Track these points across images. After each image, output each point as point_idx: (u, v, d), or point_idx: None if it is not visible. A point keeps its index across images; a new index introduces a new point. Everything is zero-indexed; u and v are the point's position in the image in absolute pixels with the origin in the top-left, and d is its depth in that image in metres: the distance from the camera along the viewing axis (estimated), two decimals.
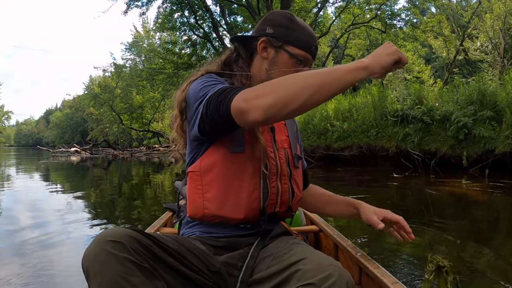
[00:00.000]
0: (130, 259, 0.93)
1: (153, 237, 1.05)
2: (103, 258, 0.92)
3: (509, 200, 5.90)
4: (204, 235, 1.38)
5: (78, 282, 2.52)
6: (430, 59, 32.50)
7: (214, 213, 1.35)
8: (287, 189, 1.43)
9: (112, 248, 0.93)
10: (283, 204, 1.42)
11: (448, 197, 6.23)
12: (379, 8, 19.50)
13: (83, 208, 5.79)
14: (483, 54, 22.00)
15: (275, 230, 1.42)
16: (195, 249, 1.21)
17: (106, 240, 0.94)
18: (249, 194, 1.34)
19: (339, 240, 2.00)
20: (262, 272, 1.17)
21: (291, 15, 1.47)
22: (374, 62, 1.10)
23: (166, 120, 39.79)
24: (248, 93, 1.10)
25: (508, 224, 4.67)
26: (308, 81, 1.05)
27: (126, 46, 39.10)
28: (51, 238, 3.94)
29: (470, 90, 10.00)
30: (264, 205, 1.36)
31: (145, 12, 19.10)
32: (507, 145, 8.29)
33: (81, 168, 16.00)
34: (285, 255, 1.18)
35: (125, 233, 0.97)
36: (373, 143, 11.36)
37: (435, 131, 10.18)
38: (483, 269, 2.91)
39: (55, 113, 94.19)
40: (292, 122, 1.63)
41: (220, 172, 1.33)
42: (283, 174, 1.42)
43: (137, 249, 0.96)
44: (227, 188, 1.33)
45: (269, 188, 1.37)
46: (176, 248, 1.11)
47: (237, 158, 1.34)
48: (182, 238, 1.26)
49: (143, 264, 0.96)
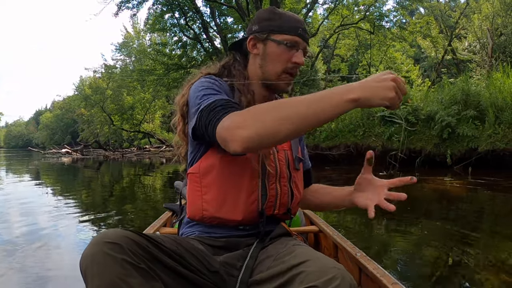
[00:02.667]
0: (127, 260, 0.94)
1: (151, 238, 1.05)
2: (101, 259, 0.93)
3: (489, 196, 6.15)
4: (203, 235, 1.38)
5: (74, 283, 2.51)
6: (419, 59, 32.57)
7: (212, 215, 1.35)
8: (286, 191, 1.41)
9: (109, 250, 0.93)
10: (282, 206, 1.40)
11: (433, 193, 6.45)
12: (367, 9, 19.66)
13: (77, 208, 5.82)
14: (471, 54, 22.22)
15: (275, 231, 1.40)
16: (194, 249, 1.21)
17: (103, 242, 0.95)
18: (248, 196, 1.33)
19: (338, 241, 2.01)
20: (262, 273, 1.17)
21: (274, 8, 1.47)
22: (367, 95, 1.00)
23: (157, 120, 39.63)
24: (231, 121, 1.10)
25: (489, 217, 4.89)
26: (289, 114, 1.01)
27: (117, 46, 38.99)
28: (45, 239, 3.96)
29: (454, 90, 10.23)
30: (262, 207, 1.35)
31: (136, 13, 18.98)
32: (490, 144, 8.53)
33: (73, 169, 16.00)
34: (286, 256, 1.18)
35: (122, 235, 0.98)
36: (360, 142, 11.54)
37: (420, 130, 10.40)
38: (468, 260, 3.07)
39: (45, 114, 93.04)
40: None
41: (219, 174, 1.33)
42: (283, 176, 1.41)
43: (134, 250, 0.97)
44: (225, 190, 1.33)
45: (268, 190, 1.36)
46: (174, 248, 1.11)
47: (236, 160, 1.31)
48: (181, 238, 1.27)
49: (140, 265, 0.96)
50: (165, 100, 37.00)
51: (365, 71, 26.27)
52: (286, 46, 1.39)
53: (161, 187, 8.70)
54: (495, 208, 5.37)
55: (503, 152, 8.35)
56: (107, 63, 35.32)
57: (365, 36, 23.19)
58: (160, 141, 32.03)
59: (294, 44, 1.39)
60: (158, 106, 37.22)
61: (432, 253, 3.35)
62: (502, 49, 20.03)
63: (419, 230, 4.17)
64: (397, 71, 26.26)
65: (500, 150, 8.37)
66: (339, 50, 27.15)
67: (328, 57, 31.44)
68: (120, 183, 10.14)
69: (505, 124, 8.55)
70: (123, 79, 32.47)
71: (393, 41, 22.19)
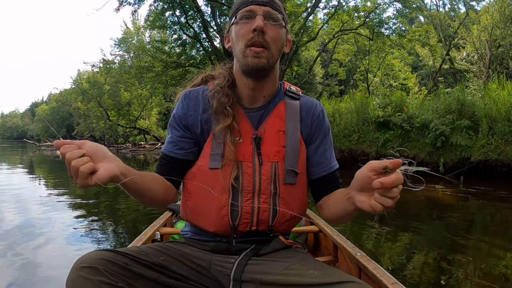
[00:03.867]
0: (105, 281, 0.98)
1: (129, 255, 1.09)
2: (79, 284, 0.97)
3: (479, 205, 6.24)
4: (195, 237, 1.40)
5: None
6: (417, 67, 32.67)
7: (191, 221, 1.39)
8: (267, 208, 1.31)
9: (87, 274, 0.98)
10: (262, 224, 1.32)
11: (424, 201, 6.52)
12: (367, 16, 19.75)
13: (66, 203, 5.89)
14: (469, 64, 22.36)
15: (269, 246, 1.35)
16: (181, 256, 1.24)
17: (80, 267, 1.00)
18: (218, 210, 1.29)
19: (338, 241, 2.01)
20: (275, 276, 1.17)
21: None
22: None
23: (153, 117, 39.52)
24: None
25: (478, 225, 5.00)
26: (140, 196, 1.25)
27: (116, 42, 38.87)
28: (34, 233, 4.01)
29: (449, 100, 10.32)
30: (233, 223, 1.29)
31: (137, 10, 18.89)
32: (482, 154, 8.60)
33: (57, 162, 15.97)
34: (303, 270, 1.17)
35: (98, 257, 1.02)
36: (354, 147, 11.60)
37: (414, 138, 10.50)
38: (456, 266, 3.15)
39: (41, 106, 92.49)
40: (296, 128, 1.41)
41: (196, 185, 1.32)
42: (263, 192, 1.31)
43: (111, 270, 1.01)
44: (201, 200, 1.33)
45: (241, 207, 1.29)
46: (155, 260, 1.15)
47: (213, 174, 1.30)
48: (170, 245, 1.31)
49: (119, 284, 1.01)
50: (162, 97, 36.96)
51: (363, 77, 26.40)
52: (243, 20, 1.28)
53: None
54: (485, 218, 5.45)
55: (495, 162, 8.42)
56: (106, 58, 35.13)
57: (364, 42, 23.22)
58: (155, 138, 32.01)
59: (249, 14, 1.28)
60: (155, 103, 37.11)
61: (420, 258, 3.40)
62: (499, 61, 20.18)
63: (410, 235, 4.23)
64: (394, 78, 26.43)
65: (493, 161, 8.44)
66: (338, 55, 27.23)
67: (326, 61, 31.55)
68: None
69: (498, 135, 8.63)
70: (121, 75, 32.39)
71: (392, 48, 22.25)
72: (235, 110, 1.36)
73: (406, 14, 19.44)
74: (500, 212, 5.67)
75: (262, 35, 1.25)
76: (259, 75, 1.32)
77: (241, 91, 1.40)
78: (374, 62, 24.81)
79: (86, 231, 4.16)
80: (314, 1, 19.81)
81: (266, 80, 1.37)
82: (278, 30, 1.30)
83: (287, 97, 1.44)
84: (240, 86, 1.39)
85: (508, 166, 8.25)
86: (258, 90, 1.38)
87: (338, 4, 19.86)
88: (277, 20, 1.30)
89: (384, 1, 19.40)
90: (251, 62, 1.26)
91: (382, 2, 19.53)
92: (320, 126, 1.44)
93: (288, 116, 1.40)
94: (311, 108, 1.45)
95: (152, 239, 2.13)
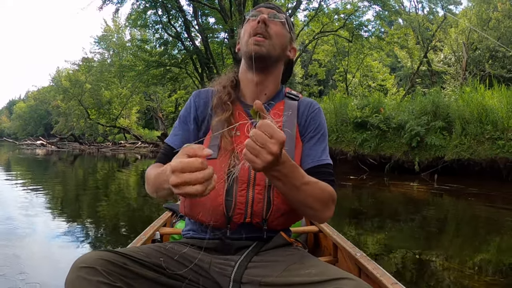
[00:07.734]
0: (103, 281, 0.98)
1: (128, 255, 1.09)
2: (78, 284, 0.97)
3: (452, 201, 6.64)
4: (196, 235, 1.40)
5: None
6: (395, 68, 32.99)
7: (187, 213, 1.38)
8: (261, 200, 1.31)
9: (85, 274, 0.98)
10: (255, 216, 1.31)
11: (401, 197, 6.86)
12: (347, 18, 20.00)
13: (66, 203, 5.96)
14: (446, 66, 22.88)
15: (271, 242, 1.36)
16: (181, 257, 1.24)
17: (79, 267, 1.00)
18: (214, 198, 1.29)
19: (338, 241, 2.01)
20: (272, 277, 1.17)
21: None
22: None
23: (133, 116, 39.18)
24: (146, 173, 1.34)
25: (451, 221, 5.28)
26: (153, 183, 1.22)
27: (95, 39, 38.42)
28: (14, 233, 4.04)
29: (425, 102, 10.71)
30: (228, 213, 1.30)
31: (119, 8, 18.77)
32: (455, 153, 8.97)
33: (46, 161, 15.91)
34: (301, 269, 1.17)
35: (96, 257, 1.02)
36: (333, 147, 11.79)
37: (391, 138, 10.85)
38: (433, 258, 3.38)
39: (18, 104, 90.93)
40: (293, 123, 1.45)
41: None
42: (258, 183, 1.31)
43: (109, 270, 1.01)
44: None
45: (236, 197, 1.30)
46: (155, 261, 1.15)
47: (209, 164, 1.21)
48: (169, 246, 1.31)
49: (117, 284, 1.00)
50: (142, 96, 36.68)
51: (342, 78, 26.71)
52: (252, 18, 1.39)
53: (134, 184, 8.85)
54: (457, 213, 5.77)
55: (468, 161, 8.78)
56: (86, 57, 34.72)
57: (343, 44, 23.49)
58: (135, 137, 31.74)
59: (257, 13, 1.40)
60: (135, 102, 36.78)
61: (394, 252, 3.61)
62: (476, 63, 20.72)
63: (386, 230, 4.48)
64: (373, 79, 26.84)
65: (465, 160, 8.80)
66: (318, 55, 27.41)
67: (306, 61, 31.76)
68: (95, 176, 10.18)
69: (471, 136, 9.02)
70: (102, 73, 32.06)
71: (371, 50, 22.61)
72: (235, 106, 1.43)
73: (385, 17, 19.72)
74: (472, 208, 5.99)
75: (265, 27, 1.36)
76: (260, 64, 1.39)
77: (244, 89, 1.48)
78: (353, 63, 25.15)
79: (86, 232, 4.19)
80: (295, 3, 19.98)
81: (268, 76, 1.45)
82: (281, 28, 1.42)
83: (287, 98, 1.51)
84: (244, 84, 1.48)
85: (479, 165, 8.63)
86: (261, 85, 1.44)
87: (318, 6, 20.10)
88: (281, 19, 1.43)
89: (364, 4, 19.72)
90: (254, 49, 1.34)
91: (362, 5, 19.86)
92: (314, 120, 1.46)
93: (285, 111, 1.43)
94: (308, 105, 1.51)
95: (152, 239, 2.15)
